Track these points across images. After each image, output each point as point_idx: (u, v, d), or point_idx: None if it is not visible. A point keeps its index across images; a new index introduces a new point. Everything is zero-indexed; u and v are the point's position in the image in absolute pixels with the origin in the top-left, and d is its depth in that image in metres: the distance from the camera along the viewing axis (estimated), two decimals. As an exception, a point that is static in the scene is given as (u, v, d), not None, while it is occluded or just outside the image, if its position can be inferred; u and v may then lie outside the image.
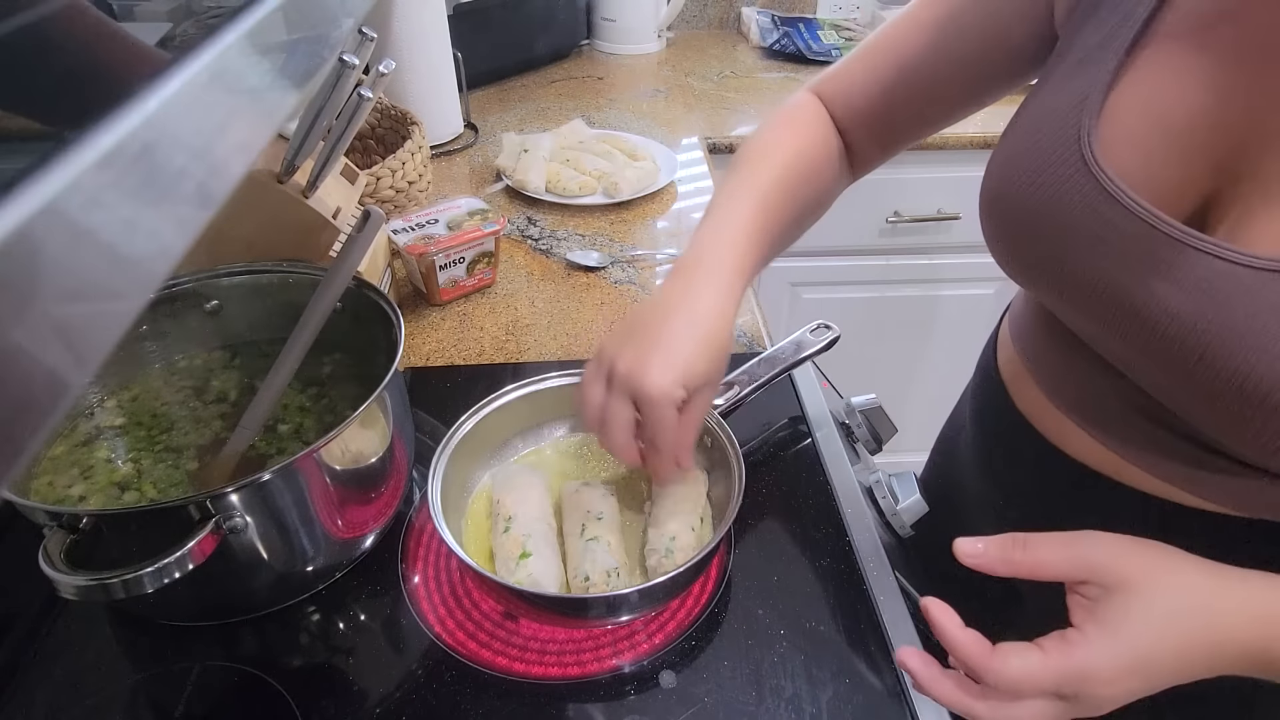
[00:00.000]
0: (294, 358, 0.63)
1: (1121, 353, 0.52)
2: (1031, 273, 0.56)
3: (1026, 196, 0.52)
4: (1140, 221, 0.47)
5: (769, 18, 1.85)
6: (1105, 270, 0.49)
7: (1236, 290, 0.43)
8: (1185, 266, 0.45)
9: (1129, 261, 0.47)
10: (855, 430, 0.81)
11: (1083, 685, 0.42)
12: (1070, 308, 0.54)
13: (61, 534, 0.49)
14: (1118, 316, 0.49)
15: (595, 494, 0.67)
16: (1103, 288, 0.49)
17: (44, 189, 0.15)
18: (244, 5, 0.25)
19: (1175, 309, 0.46)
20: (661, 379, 0.53)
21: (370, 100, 0.66)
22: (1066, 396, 0.61)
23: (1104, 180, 0.48)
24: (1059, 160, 0.50)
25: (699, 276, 0.58)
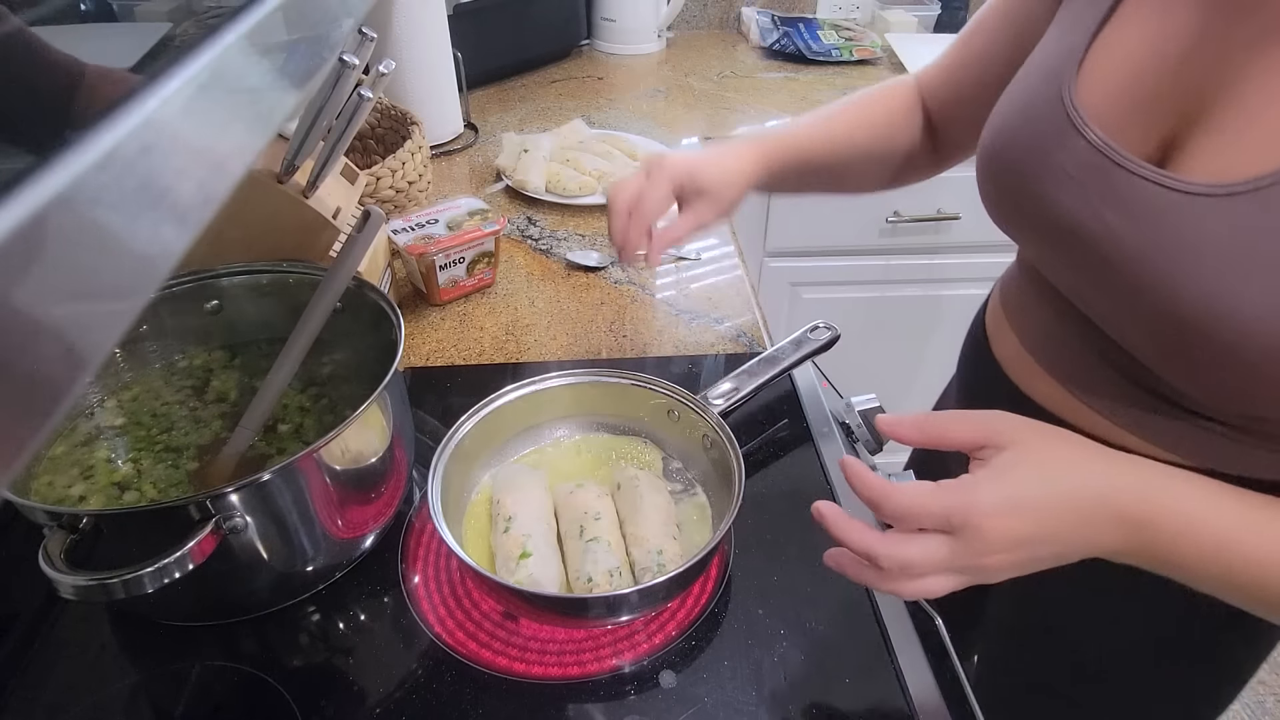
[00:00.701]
0: (294, 358, 0.63)
1: (1081, 287, 0.56)
2: (1014, 217, 0.60)
3: (1014, 141, 0.56)
4: (1099, 154, 0.50)
5: (769, 18, 1.85)
6: (1068, 204, 0.52)
7: (1172, 215, 0.47)
8: (1131, 194, 0.49)
9: (1088, 193, 0.51)
10: (855, 430, 0.81)
11: (968, 516, 0.44)
12: (1041, 246, 0.58)
13: (61, 534, 0.49)
14: (1076, 248, 0.53)
15: (590, 495, 0.67)
16: (1066, 220, 0.53)
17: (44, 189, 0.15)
18: (244, 5, 0.25)
19: (1119, 234, 0.49)
20: (676, 159, 0.71)
21: (370, 100, 0.66)
22: (1035, 342, 0.64)
23: (1075, 119, 0.52)
24: (1043, 106, 0.54)
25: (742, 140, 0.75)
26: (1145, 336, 0.51)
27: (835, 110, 0.77)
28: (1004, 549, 0.45)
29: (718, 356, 0.91)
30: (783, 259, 1.59)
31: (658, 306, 0.99)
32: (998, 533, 0.44)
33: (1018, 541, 0.45)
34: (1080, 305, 0.57)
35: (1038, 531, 0.45)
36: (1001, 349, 0.69)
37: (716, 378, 0.77)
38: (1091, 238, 0.51)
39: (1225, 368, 0.46)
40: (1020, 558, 0.46)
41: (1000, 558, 0.45)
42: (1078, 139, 0.51)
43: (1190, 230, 0.46)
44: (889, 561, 0.46)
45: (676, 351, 0.92)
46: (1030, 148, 0.55)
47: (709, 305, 1.00)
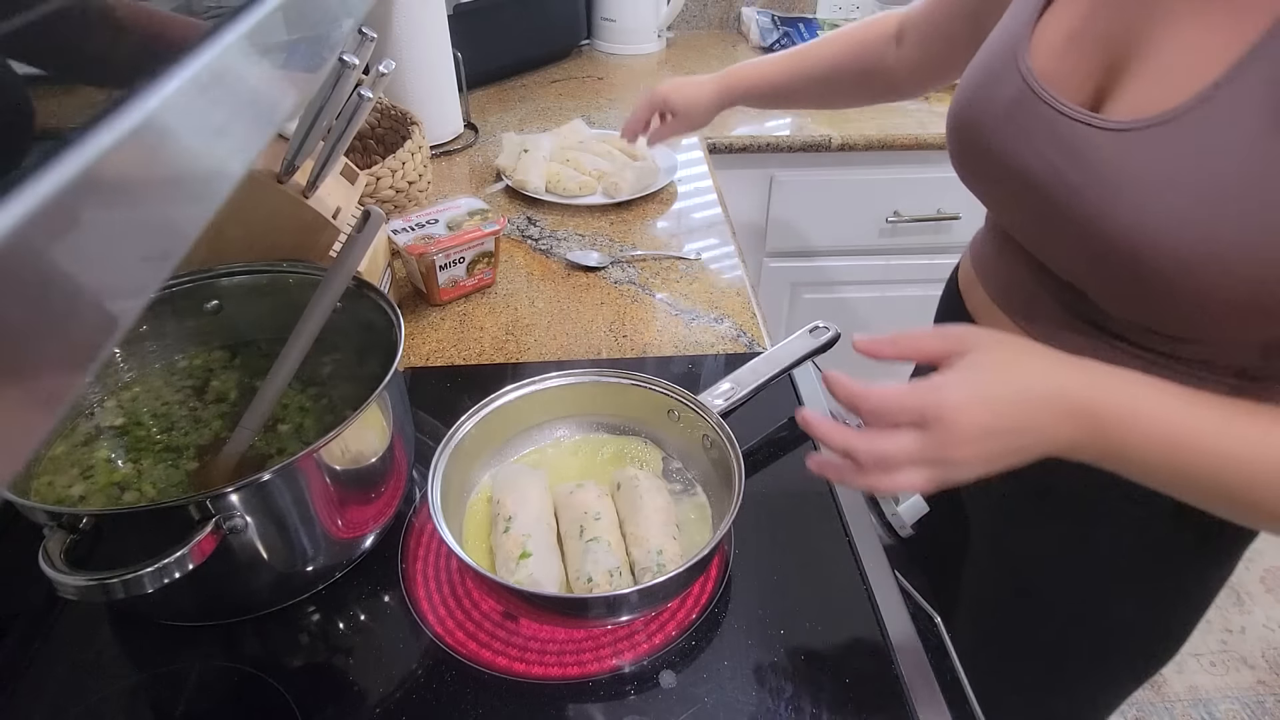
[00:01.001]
0: (294, 358, 0.63)
1: (1030, 229, 0.62)
2: (975, 170, 0.66)
3: (975, 102, 0.63)
4: (1041, 102, 0.57)
5: (769, 18, 1.85)
6: (1018, 151, 0.59)
7: (1100, 151, 0.53)
8: (1068, 136, 0.55)
9: (1033, 139, 0.58)
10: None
11: (940, 409, 0.49)
12: (998, 194, 0.64)
13: (61, 534, 0.49)
14: (1025, 191, 0.59)
15: (590, 495, 0.67)
16: (1016, 166, 0.59)
17: (44, 189, 0.15)
18: (244, 5, 0.25)
19: (1060, 172, 0.56)
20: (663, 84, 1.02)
21: (370, 100, 0.66)
22: (1000, 290, 0.70)
23: (1025, 75, 0.59)
24: (1001, 69, 0.61)
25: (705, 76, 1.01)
26: (1086, 267, 0.57)
27: (816, 39, 0.98)
28: (970, 439, 0.49)
29: (718, 356, 0.91)
30: (783, 259, 1.59)
31: (658, 306, 0.99)
32: (964, 424, 0.48)
33: (983, 432, 0.49)
34: (1033, 248, 0.63)
35: (999, 423, 0.49)
36: (973, 301, 0.75)
37: (716, 378, 0.77)
38: (1037, 179, 0.57)
39: (1151, 288, 0.52)
40: (985, 449, 0.50)
41: (967, 449, 0.49)
42: (1027, 93, 0.58)
43: (1115, 162, 0.52)
44: (866, 455, 0.50)
45: (676, 351, 0.92)
46: (989, 106, 0.61)
47: (709, 305, 1.00)
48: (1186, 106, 0.49)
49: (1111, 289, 0.56)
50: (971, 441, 0.49)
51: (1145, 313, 0.56)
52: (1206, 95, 0.48)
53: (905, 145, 1.43)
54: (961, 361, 0.51)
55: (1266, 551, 1.93)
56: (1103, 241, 0.53)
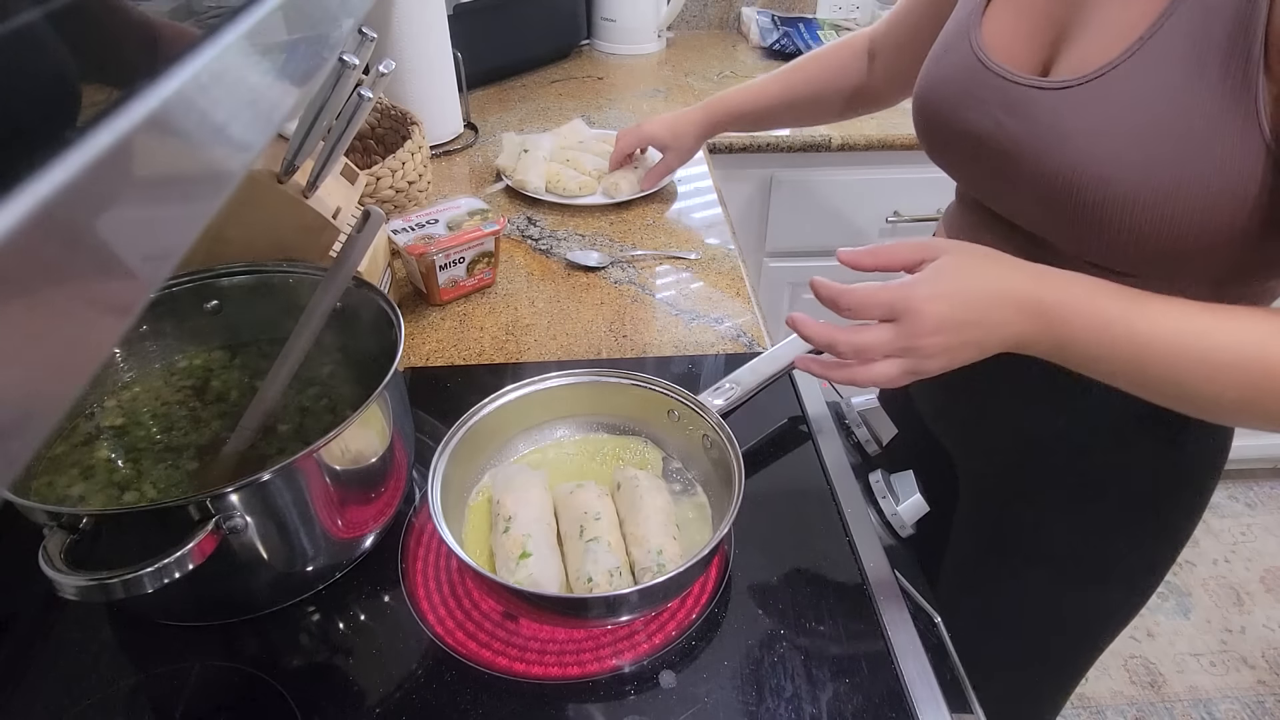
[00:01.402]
0: (294, 358, 0.63)
1: (990, 187, 0.69)
2: (940, 145, 0.72)
3: (934, 82, 0.70)
4: (994, 75, 0.65)
5: (769, 18, 1.85)
6: (977, 120, 0.66)
7: (1039, 107, 0.61)
8: (1018, 100, 0.63)
9: (989, 107, 0.65)
10: (855, 430, 0.81)
11: (909, 302, 0.55)
12: (961, 162, 0.71)
13: (61, 534, 0.49)
14: (988, 157, 0.65)
15: (590, 495, 0.67)
16: (976, 135, 0.66)
17: (45, 188, 0.15)
18: (244, 5, 0.25)
19: (1012, 132, 0.63)
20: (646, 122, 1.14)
21: (370, 100, 0.66)
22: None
23: (979, 53, 0.66)
24: (955, 52, 0.69)
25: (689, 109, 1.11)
26: (1043, 214, 0.63)
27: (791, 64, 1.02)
28: (936, 329, 0.55)
29: (718, 356, 0.91)
30: (783, 259, 1.59)
31: (658, 306, 0.99)
32: (930, 315, 0.55)
33: (946, 322, 0.55)
34: (995, 205, 0.69)
35: (961, 314, 0.55)
36: None
37: (716, 378, 0.77)
38: (993, 141, 0.64)
39: (1103, 227, 0.58)
40: (950, 340, 0.56)
41: (934, 339, 0.55)
42: (979, 68, 0.66)
43: (1059, 116, 0.59)
44: (846, 346, 0.57)
45: (676, 351, 0.92)
46: (946, 84, 0.69)
47: (709, 305, 1.00)
48: (1117, 60, 0.56)
49: (1067, 232, 0.62)
50: (937, 332, 0.56)
51: (1100, 252, 0.61)
52: (1133, 50, 0.56)
53: (905, 145, 1.43)
54: (931, 265, 0.57)
55: (1266, 552, 1.93)
56: (1055, 187, 0.60)
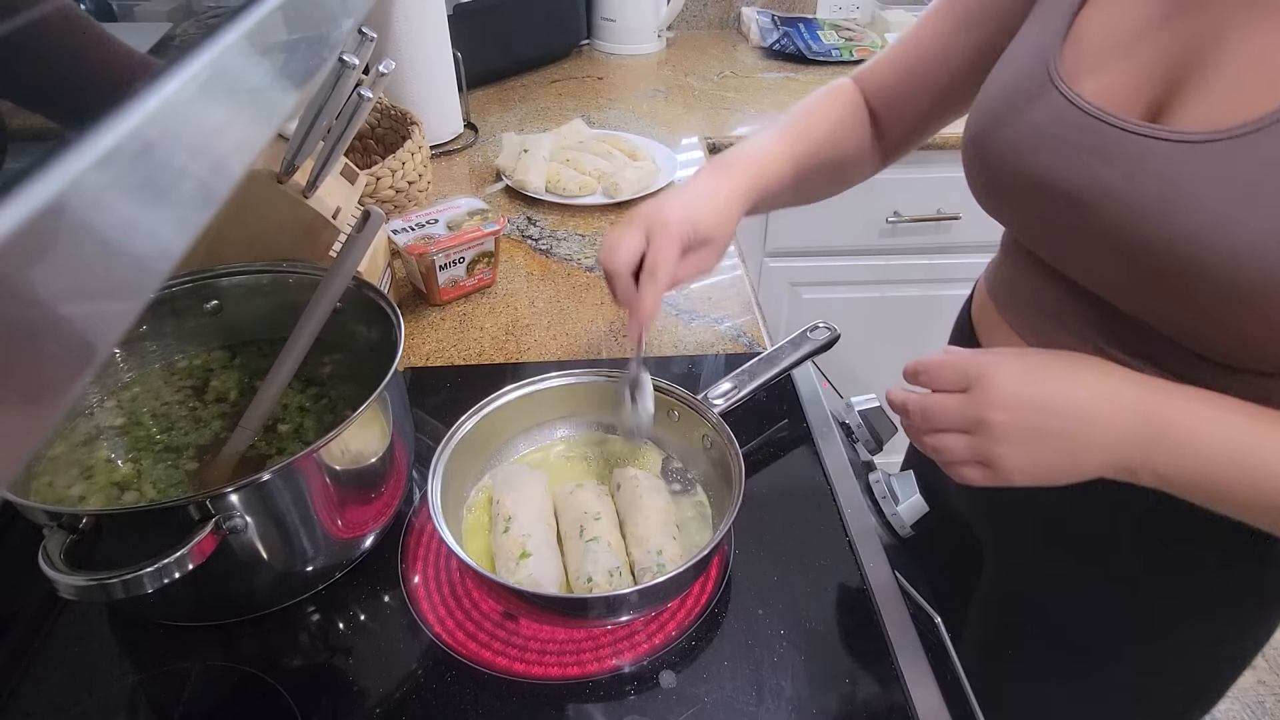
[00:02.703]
0: (294, 358, 0.63)
1: (1077, 254, 0.58)
2: (1002, 192, 0.61)
3: (1001, 119, 0.59)
4: (1089, 118, 0.53)
5: (769, 18, 1.85)
6: (1062, 168, 0.55)
7: (1164, 163, 0.49)
8: (1123, 149, 0.52)
9: (1081, 157, 0.54)
10: (855, 430, 0.81)
11: (982, 369, 0.50)
12: (1034, 218, 0.60)
13: (61, 534, 0.49)
14: (1072, 212, 0.55)
15: (590, 495, 0.67)
16: (1060, 186, 0.55)
17: (44, 189, 0.15)
18: (244, 5, 0.25)
19: (1115, 190, 0.52)
20: (676, 212, 0.64)
21: (370, 100, 0.66)
22: (1030, 328, 0.65)
23: (1064, 90, 0.55)
24: (1029, 82, 0.57)
25: (719, 172, 0.69)
26: (1141, 288, 0.53)
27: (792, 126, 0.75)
28: (1008, 405, 0.49)
29: (718, 356, 0.91)
30: (783, 259, 1.58)
31: (658, 306, 0.99)
32: (1004, 386, 0.49)
33: (1022, 399, 0.49)
34: (1077, 274, 0.58)
35: (1043, 397, 0.49)
36: (990, 339, 0.71)
37: (716, 378, 0.77)
38: (1083, 195, 0.54)
39: (1221, 302, 0.48)
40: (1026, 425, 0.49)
41: (1005, 416, 0.49)
42: (1067, 107, 0.54)
43: (1182, 174, 0.49)
44: (914, 407, 0.54)
45: (676, 351, 0.92)
46: (1021, 126, 0.57)
47: (709, 305, 1.00)
48: (1269, 118, 0.46)
49: (1169, 310, 0.52)
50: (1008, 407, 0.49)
51: (1205, 338, 0.52)
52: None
53: (905, 145, 1.43)
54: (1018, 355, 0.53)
55: (1266, 551, 1.93)
56: (1165, 258, 0.49)
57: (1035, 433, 0.49)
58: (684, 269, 0.65)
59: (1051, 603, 0.73)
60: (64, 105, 0.20)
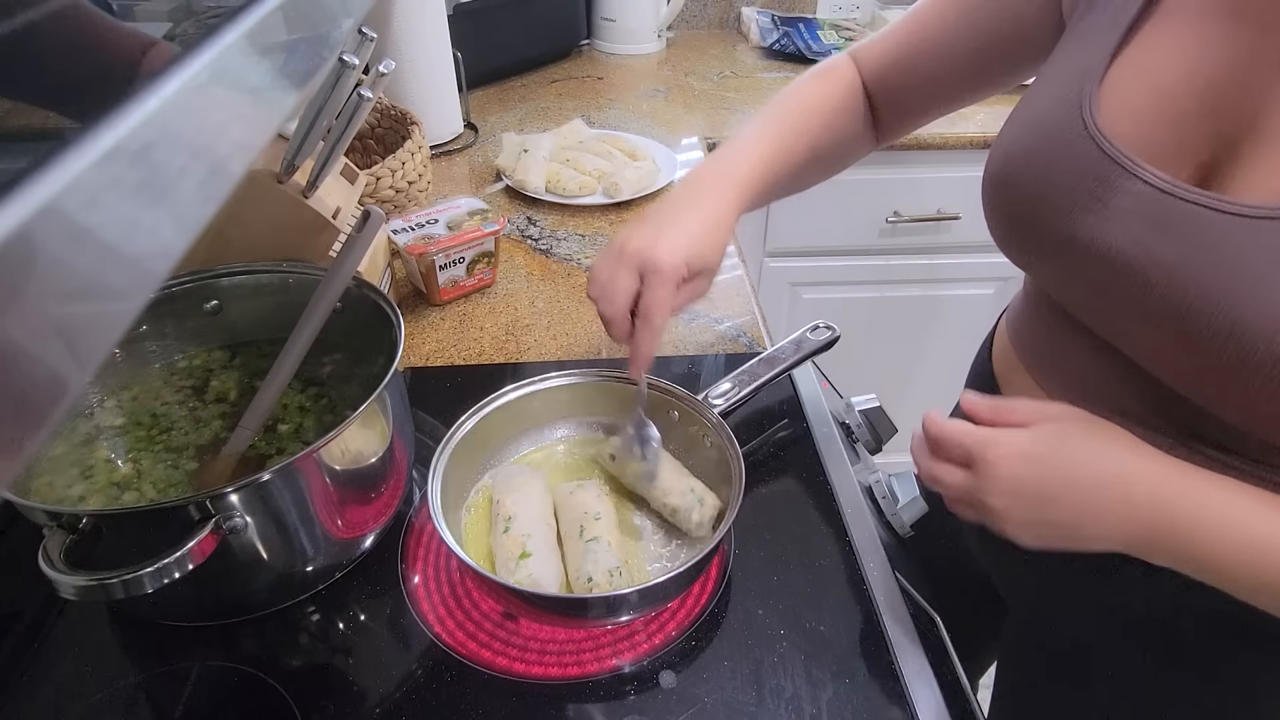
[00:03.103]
0: (294, 358, 0.63)
1: (1116, 321, 0.53)
2: (1030, 246, 0.57)
3: (1029, 167, 0.54)
4: (1135, 179, 0.48)
5: (769, 18, 1.85)
6: (1101, 231, 0.50)
7: (1224, 239, 0.45)
8: (1176, 219, 0.47)
9: (1124, 220, 0.49)
10: (855, 430, 0.81)
11: (984, 450, 0.49)
12: (1067, 278, 0.56)
13: (61, 534, 0.49)
14: (1113, 278, 0.50)
15: (590, 495, 0.67)
16: (1099, 249, 0.51)
17: (44, 189, 0.15)
18: (244, 5, 0.25)
19: (1166, 261, 0.47)
20: (670, 253, 0.60)
21: (370, 100, 0.66)
22: (1061, 384, 0.61)
23: (1102, 143, 0.50)
24: (1061, 128, 0.52)
25: (707, 185, 0.65)
26: (1196, 365, 0.48)
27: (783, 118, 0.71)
28: (1008, 493, 0.48)
29: (718, 356, 0.91)
30: (783, 259, 1.58)
31: (658, 306, 0.99)
32: (1004, 475, 0.48)
33: (1023, 489, 0.48)
34: (1116, 341, 0.54)
35: (1045, 487, 0.48)
36: (1014, 392, 0.66)
37: (716, 378, 0.77)
38: (1131, 265, 0.49)
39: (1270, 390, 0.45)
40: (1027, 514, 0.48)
41: (1004, 503, 0.48)
42: (1106, 163, 0.49)
43: (1251, 252, 0.44)
44: (922, 466, 0.53)
45: (676, 351, 0.92)
46: (1050, 176, 0.52)
47: (709, 305, 0.99)
48: None
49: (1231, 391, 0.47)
50: (1008, 494, 0.48)
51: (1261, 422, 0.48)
52: None
53: (905, 145, 1.43)
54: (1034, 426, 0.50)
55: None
56: (1230, 336, 0.45)
57: (1037, 520, 0.49)
58: (678, 300, 0.63)
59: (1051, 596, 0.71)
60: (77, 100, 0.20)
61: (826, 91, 0.72)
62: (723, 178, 0.66)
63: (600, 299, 0.61)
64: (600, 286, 0.61)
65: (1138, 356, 0.53)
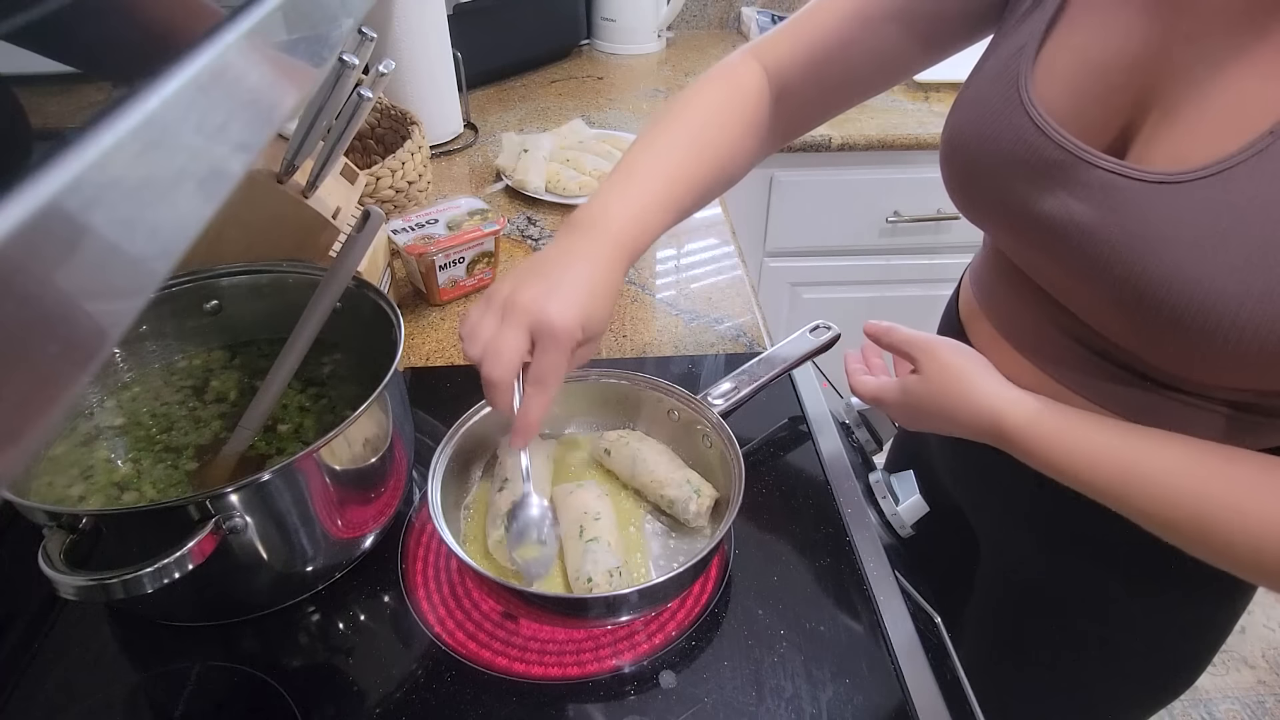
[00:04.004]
0: (294, 358, 0.63)
1: (1050, 274, 0.59)
2: (980, 208, 0.63)
3: (974, 137, 0.59)
4: (1059, 148, 0.53)
5: (769, 18, 1.85)
6: (1032, 195, 0.55)
7: (1132, 202, 0.50)
8: (1093, 184, 0.52)
9: (1051, 185, 0.54)
10: (855, 430, 0.81)
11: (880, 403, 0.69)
12: (1010, 237, 0.61)
13: (61, 534, 0.49)
14: (1043, 237, 0.56)
15: (590, 495, 0.67)
16: (1031, 212, 0.56)
17: (44, 189, 0.15)
18: (244, 5, 0.25)
19: (1083, 222, 0.52)
20: (567, 314, 0.53)
21: (370, 100, 0.66)
22: (1012, 328, 0.67)
23: (1034, 114, 0.54)
24: (1000, 102, 0.57)
25: (595, 236, 0.58)
26: (1116, 316, 0.54)
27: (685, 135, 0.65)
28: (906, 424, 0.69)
29: (718, 356, 0.91)
30: (783, 259, 1.59)
31: (658, 306, 0.99)
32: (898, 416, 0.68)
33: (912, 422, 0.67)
34: (1051, 291, 0.60)
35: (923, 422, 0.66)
36: (980, 340, 0.71)
37: (716, 378, 0.77)
38: (1057, 228, 0.54)
39: (1193, 342, 0.49)
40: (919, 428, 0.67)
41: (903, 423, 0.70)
42: (1037, 134, 0.54)
43: (1154, 215, 0.49)
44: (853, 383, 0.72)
45: (676, 351, 0.92)
46: (990, 146, 0.57)
47: (709, 305, 1.00)
48: (1240, 156, 0.45)
49: (1147, 338, 0.53)
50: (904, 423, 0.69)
51: (1182, 361, 0.52)
52: (1261, 145, 0.45)
53: (905, 145, 1.43)
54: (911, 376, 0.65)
55: (1266, 551, 1.92)
56: (1143, 296, 0.50)
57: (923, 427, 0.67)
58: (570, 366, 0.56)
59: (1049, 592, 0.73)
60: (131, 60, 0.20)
61: (730, 102, 0.67)
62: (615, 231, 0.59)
63: (485, 360, 0.53)
64: (481, 345, 0.54)
65: (1074, 309, 0.58)
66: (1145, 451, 0.53)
